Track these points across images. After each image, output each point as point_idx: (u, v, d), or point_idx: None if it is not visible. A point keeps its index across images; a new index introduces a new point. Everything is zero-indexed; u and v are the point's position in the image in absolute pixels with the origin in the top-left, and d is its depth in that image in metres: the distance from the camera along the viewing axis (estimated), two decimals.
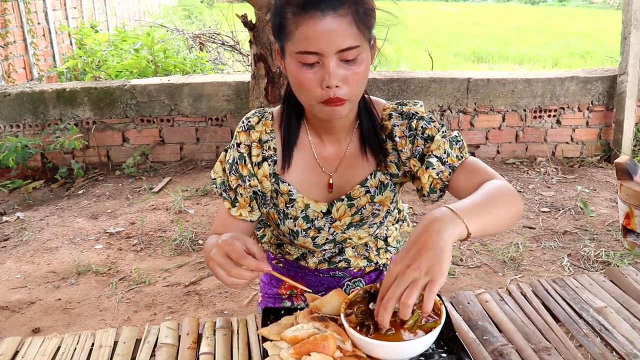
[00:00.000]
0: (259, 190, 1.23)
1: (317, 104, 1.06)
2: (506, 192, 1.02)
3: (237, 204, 1.23)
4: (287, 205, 1.23)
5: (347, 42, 1.00)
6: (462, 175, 1.14)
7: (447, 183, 1.15)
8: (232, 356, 1.04)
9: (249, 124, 1.22)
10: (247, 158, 1.20)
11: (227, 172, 1.23)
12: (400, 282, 0.85)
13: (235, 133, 1.23)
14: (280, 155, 1.21)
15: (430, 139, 1.16)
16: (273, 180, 1.22)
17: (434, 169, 1.14)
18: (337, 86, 1.02)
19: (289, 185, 1.22)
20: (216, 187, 1.26)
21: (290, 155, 1.21)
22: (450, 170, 1.14)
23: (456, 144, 1.16)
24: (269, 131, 1.21)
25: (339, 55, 1.00)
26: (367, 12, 1.03)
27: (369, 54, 1.06)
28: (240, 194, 1.22)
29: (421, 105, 1.22)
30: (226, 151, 1.25)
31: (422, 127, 1.18)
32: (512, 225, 1.44)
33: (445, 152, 1.14)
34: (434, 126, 1.18)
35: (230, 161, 1.22)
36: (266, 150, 1.21)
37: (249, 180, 1.21)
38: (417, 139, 1.18)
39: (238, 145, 1.21)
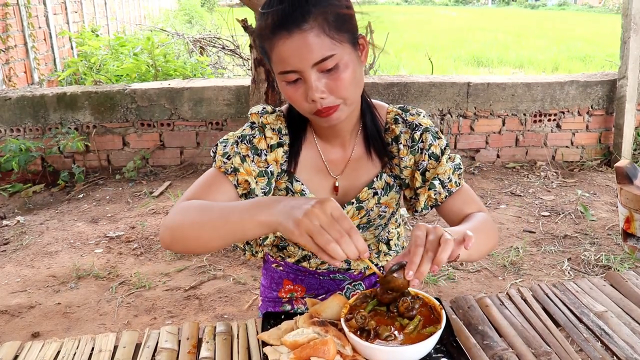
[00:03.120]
0: (270, 171, 1.19)
1: (311, 116, 1.09)
2: (491, 228, 1.18)
3: (239, 170, 1.15)
4: None
5: (320, 54, 1.00)
6: (456, 201, 1.23)
7: (439, 204, 1.23)
8: None
9: (264, 109, 1.22)
10: (263, 135, 1.19)
11: (239, 140, 1.18)
12: (432, 238, 0.94)
13: (248, 116, 1.22)
14: (290, 154, 1.22)
15: (436, 158, 1.22)
16: (287, 178, 1.22)
17: (435, 190, 1.21)
18: (322, 97, 1.03)
19: (302, 184, 1.22)
20: (219, 146, 1.17)
21: (298, 155, 1.22)
22: (447, 194, 1.22)
23: (457, 170, 1.23)
24: (283, 125, 1.21)
25: (316, 67, 1.01)
26: (340, 17, 1.03)
27: (352, 56, 1.05)
28: (247, 163, 1.16)
29: (424, 116, 1.25)
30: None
31: (429, 143, 1.21)
32: (486, 255, 1.57)
33: (448, 178, 1.21)
34: (440, 144, 1.22)
35: (243, 134, 1.19)
36: (282, 138, 1.20)
37: (266, 155, 1.18)
38: (423, 154, 1.22)
39: (252, 123, 1.21)
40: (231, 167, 1.15)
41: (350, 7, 1.07)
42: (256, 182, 1.17)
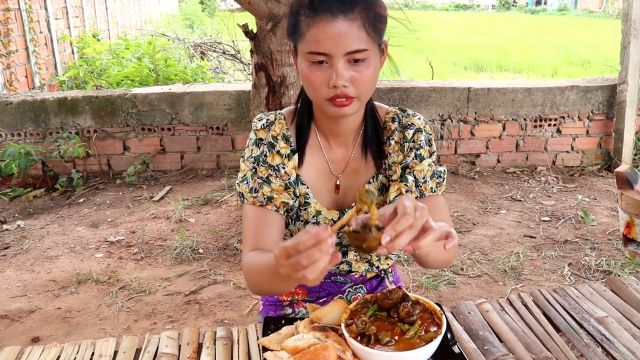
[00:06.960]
0: (292, 182, 1.23)
1: (324, 101, 1.10)
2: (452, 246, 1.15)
3: (273, 197, 1.20)
4: (301, 207, 1.26)
5: (356, 45, 1.04)
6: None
7: None
8: None
9: (268, 120, 1.24)
10: (273, 150, 1.22)
11: (255, 165, 1.21)
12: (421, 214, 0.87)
13: (254, 131, 1.24)
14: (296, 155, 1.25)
15: (421, 159, 1.23)
16: (294, 179, 1.24)
17: (406, 185, 1.21)
18: (344, 86, 1.06)
19: (307, 187, 1.24)
20: (242, 186, 1.22)
21: (303, 155, 1.24)
22: (418, 195, 1.21)
23: (437, 177, 1.23)
24: (286, 129, 1.24)
25: (347, 57, 1.05)
26: (378, 18, 1.07)
27: (377, 58, 1.10)
28: (273, 182, 1.21)
29: (419, 118, 1.27)
30: (243, 157, 1.26)
31: (419, 144, 1.23)
32: (436, 268, 1.60)
33: (423, 178, 1.21)
34: (430, 150, 1.25)
35: (255, 156, 1.22)
36: (292, 145, 1.23)
37: (284, 168, 1.22)
38: (412, 151, 1.23)
39: (260, 140, 1.23)
40: (265, 198, 1.19)
41: (386, 12, 1.10)
42: (289, 195, 1.21)
